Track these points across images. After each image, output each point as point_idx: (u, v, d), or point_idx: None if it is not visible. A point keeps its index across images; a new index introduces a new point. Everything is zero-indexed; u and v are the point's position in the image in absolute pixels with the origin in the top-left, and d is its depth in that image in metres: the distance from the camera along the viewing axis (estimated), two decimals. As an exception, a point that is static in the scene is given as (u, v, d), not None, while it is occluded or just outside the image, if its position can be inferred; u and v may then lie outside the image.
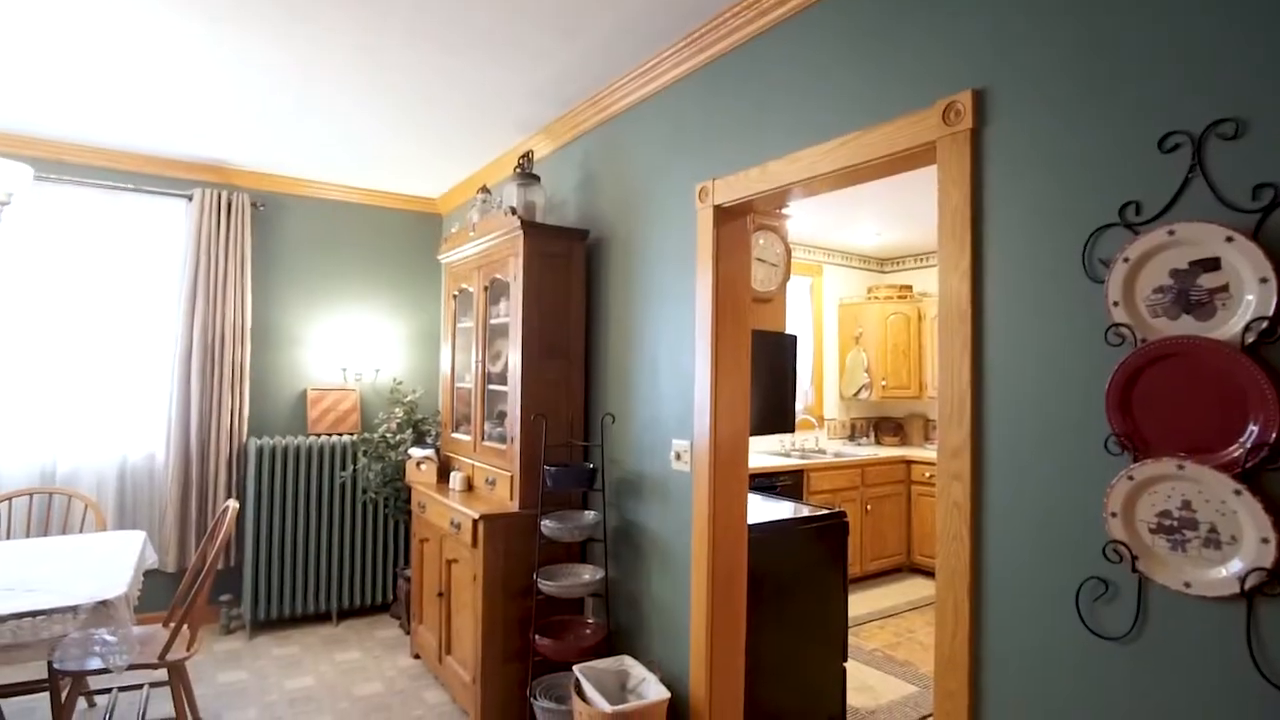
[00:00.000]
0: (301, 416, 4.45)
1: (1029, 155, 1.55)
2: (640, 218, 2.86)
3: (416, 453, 3.72)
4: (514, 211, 3.01)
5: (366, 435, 4.22)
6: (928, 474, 5.31)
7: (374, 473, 4.09)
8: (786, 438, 5.55)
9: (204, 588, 2.63)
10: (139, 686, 3.09)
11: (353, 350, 4.57)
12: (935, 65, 1.75)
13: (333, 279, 4.58)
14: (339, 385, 4.56)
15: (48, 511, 3.62)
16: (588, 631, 2.85)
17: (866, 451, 5.57)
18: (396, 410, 4.21)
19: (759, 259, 3.09)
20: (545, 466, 2.81)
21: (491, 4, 2.32)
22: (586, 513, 2.96)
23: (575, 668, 2.52)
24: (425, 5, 2.34)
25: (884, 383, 5.81)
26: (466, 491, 3.33)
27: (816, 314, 5.95)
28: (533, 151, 3.40)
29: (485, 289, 3.32)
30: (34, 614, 2.10)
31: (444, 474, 3.64)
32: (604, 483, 2.95)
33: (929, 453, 5.56)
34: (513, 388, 3.01)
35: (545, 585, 2.72)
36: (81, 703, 3.07)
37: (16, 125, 3.52)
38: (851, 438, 6.11)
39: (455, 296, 3.73)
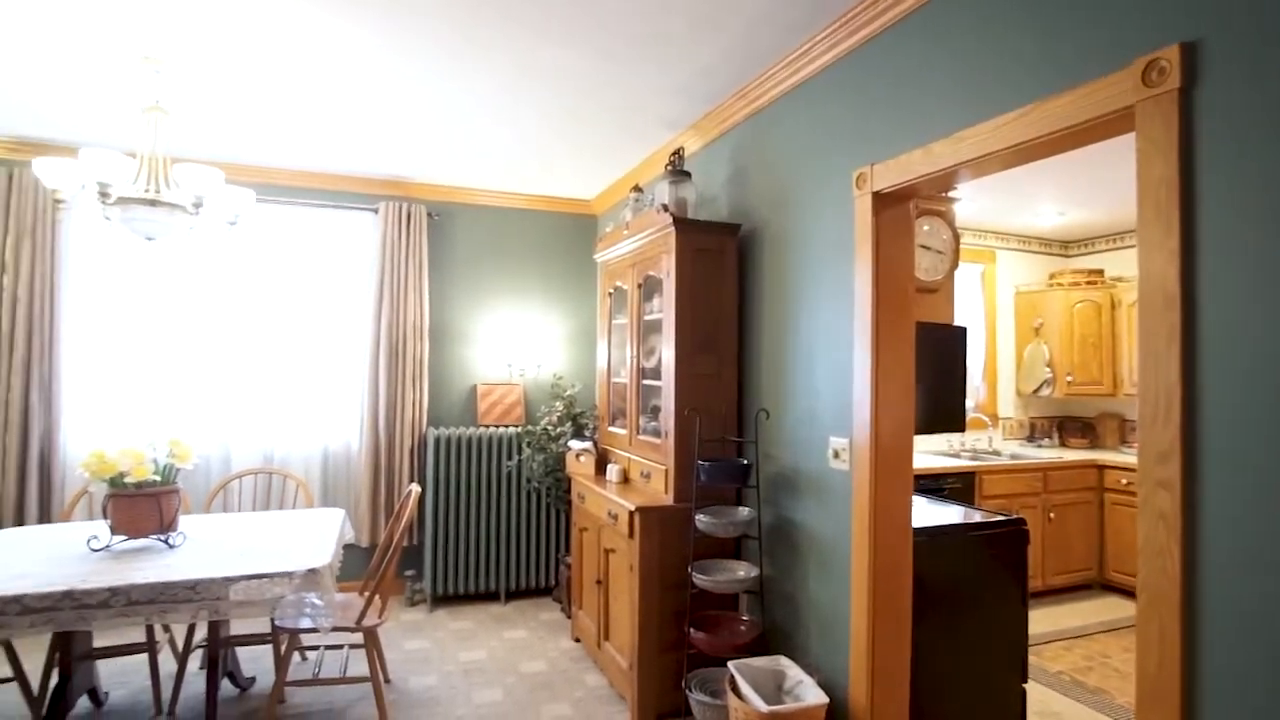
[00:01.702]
0: (472, 409, 4.79)
1: (1254, 116, 1.33)
2: (793, 209, 2.79)
3: (575, 445, 3.88)
4: (665, 209, 3.05)
5: (530, 427, 4.47)
6: (1124, 481, 4.75)
7: (537, 463, 4.32)
8: (955, 437, 5.18)
9: (392, 563, 2.91)
10: (340, 647, 3.48)
11: (517, 347, 4.85)
12: (1132, 19, 1.55)
13: (498, 280, 4.89)
14: (505, 380, 4.86)
15: (268, 489, 4.18)
16: (742, 628, 2.83)
17: (1049, 454, 5.07)
18: (557, 404, 4.42)
19: (923, 246, 2.91)
20: (699, 461, 2.83)
21: (636, 7, 2.37)
22: (741, 509, 2.94)
23: (730, 664, 2.51)
24: (576, 17, 2.43)
25: (1070, 378, 5.26)
26: (623, 484, 3.42)
27: (989, 304, 5.50)
28: (683, 148, 3.42)
29: (639, 286, 3.39)
30: (260, 576, 2.43)
31: (601, 466, 3.76)
32: (758, 479, 2.92)
33: (1126, 457, 4.96)
34: (666, 383, 3.05)
35: (700, 579, 2.74)
36: (296, 656, 3.51)
37: (241, 157, 4.09)
38: (1030, 438, 5.59)
39: (610, 294, 3.84)
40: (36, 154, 3.84)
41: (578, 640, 3.81)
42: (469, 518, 4.41)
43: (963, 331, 3.07)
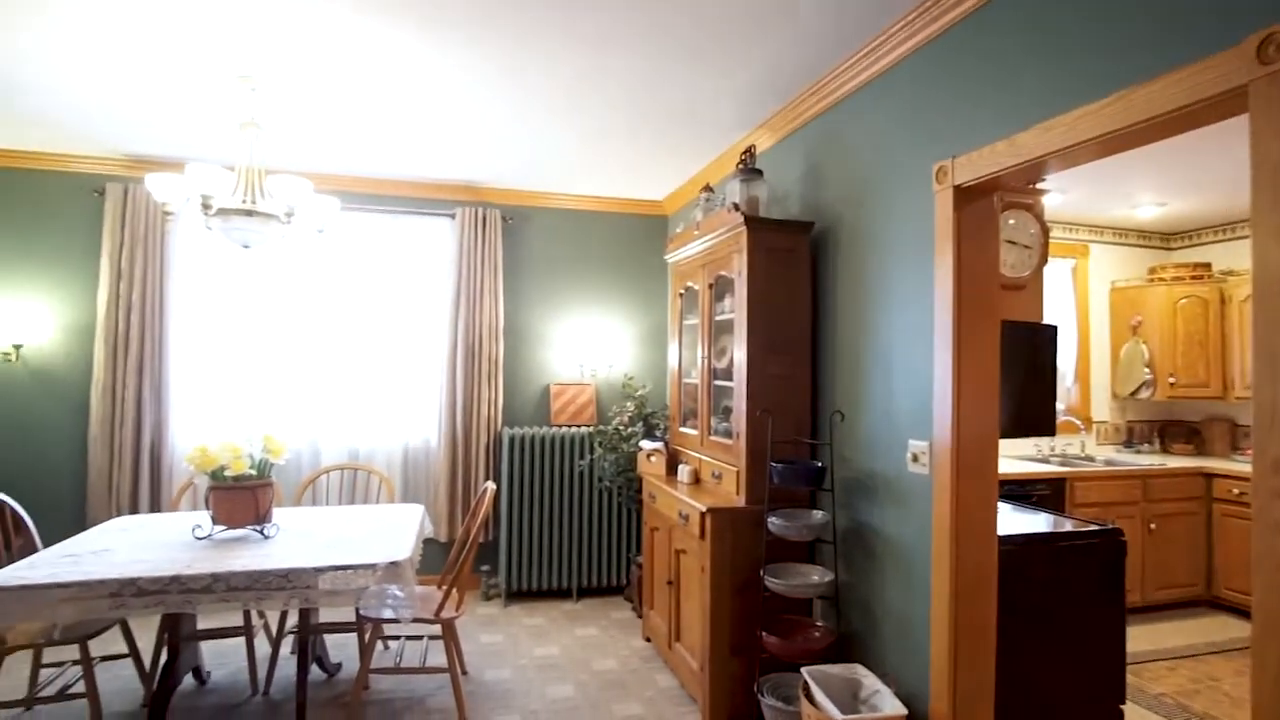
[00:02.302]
0: (545, 409, 4.88)
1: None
2: (869, 205, 2.72)
3: (646, 445, 3.89)
4: (737, 208, 3.02)
5: (601, 427, 4.51)
6: (1236, 490, 4.40)
7: (609, 463, 4.36)
8: (1044, 441, 4.93)
9: (468, 558, 2.99)
10: (420, 638, 3.60)
11: (588, 347, 4.91)
12: (1248, -7, 1.44)
13: (570, 281, 4.96)
14: (577, 380, 4.93)
15: (353, 484, 4.37)
16: (816, 634, 2.77)
17: (1149, 460, 4.76)
18: (628, 404, 4.45)
19: (1009, 241, 2.78)
20: (772, 463, 2.79)
21: (703, 8, 2.35)
22: (815, 512, 2.88)
23: (804, 670, 2.47)
24: (643, 21, 2.44)
25: (1173, 380, 4.92)
26: (694, 484, 3.41)
27: (1081, 300, 5.20)
28: (754, 146, 3.38)
29: (710, 286, 3.37)
30: (346, 567, 2.54)
31: (672, 466, 3.76)
32: (833, 482, 2.85)
33: (1238, 465, 4.60)
34: (738, 383, 3.02)
35: (773, 583, 2.70)
36: (379, 645, 3.66)
37: (327, 167, 4.30)
38: (1128, 443, 5.26)
39: (681, 294, 3.84)
40: (148, 170, 4.13)
41: (649, 640, 3.82)
42: (542, 516, 4.49)
43: (1052, 330, 2.92)
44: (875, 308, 2.67)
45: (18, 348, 4.10)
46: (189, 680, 3.23)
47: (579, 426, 4.74)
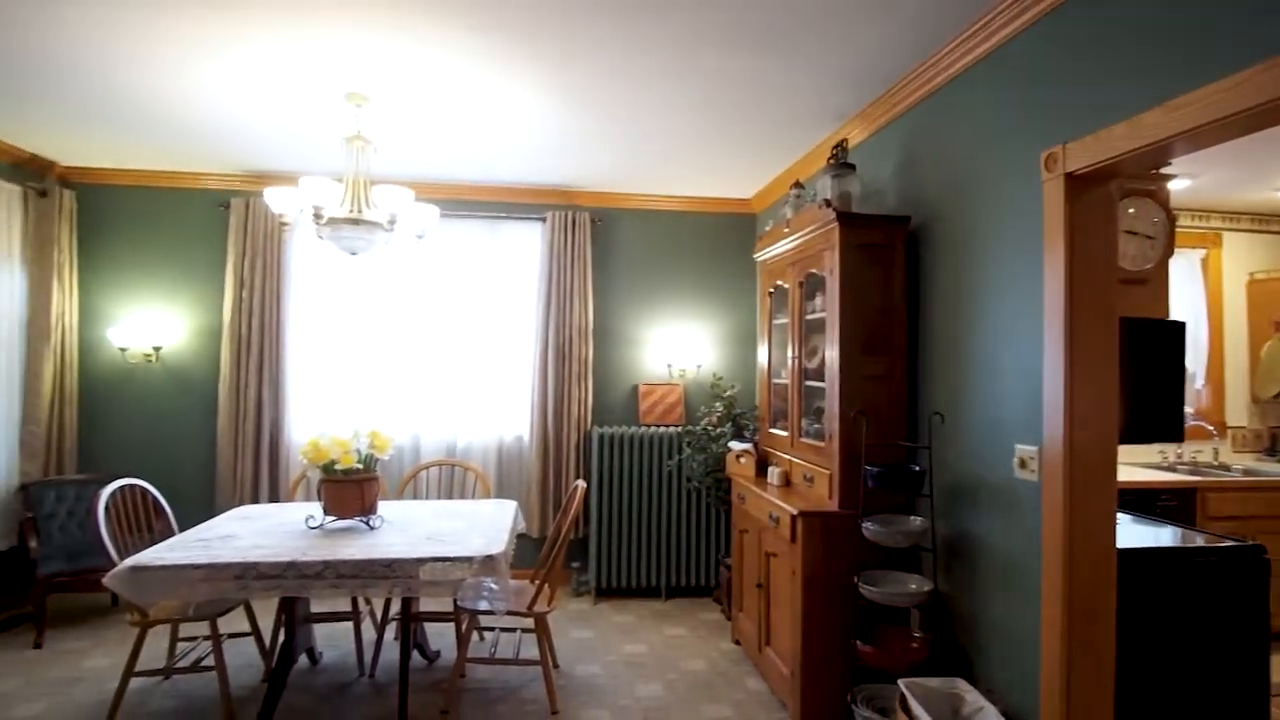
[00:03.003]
0: (634, 408, 4.92)
1: None
2: (971, 197, 2.58)
3: (735, 446, 3.86)
4: (828, 203, 2.95)
5: (690, 427, 4.50)
6: (1403, 505, 3.91)
7: (697, 463, 4.34)
8: (1171, 448, 4.54)
9: (560, 555, 3.06)
10: (514, 630, 3.71)
11: (676, 347, 4.91)
12: None
13: (658, 281, 4.98)
14: (665, 380, 4.94)
15: (451, 479, 4.55)
16: (913, 645, 2.67)
17: (1295, 469, 4.30)
18: (716, 405, 4.42)
19: (1128, 232, 2.58)
20: (866, 466, 2.70)
21: (794, 1, 2.31)
22: (912, 518, 2.77)
23: (901, 682, 2.38)
24: (734, 15, 2.41)
25: (1324, 381, 4.42)
26: (784, 487, 3.35)
27: (1213, 295, 4.76)
28: (847, 140, 3.28)
29: (800, 284, 3.30)
30: (444, 559, 2.65)
31: (762, 468, 3.71)
32: (931, 487, 2.73)
33: (1405, 476, 4.09)
34: (830, 384, 2.94)
35: (868, 590, 2.62)
36: (475, 636, 3.79)
37: (427, 175, 4.49)
38: (1270, 451, 4.77)
39: (770, 293, 3.77)
40: (266, 184, 4.44)
41: (738, 643, 3.78)
42: (631, 514, 4.53)
43: (1179, 327, 2.69)
44: (978, 305, 2.54)
45: (157, 349, 4.50)
46: (303, 660, 3.45)
47: (667, 426, 4.75)
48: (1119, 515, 2.21)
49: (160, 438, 4.52)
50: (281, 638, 3.04)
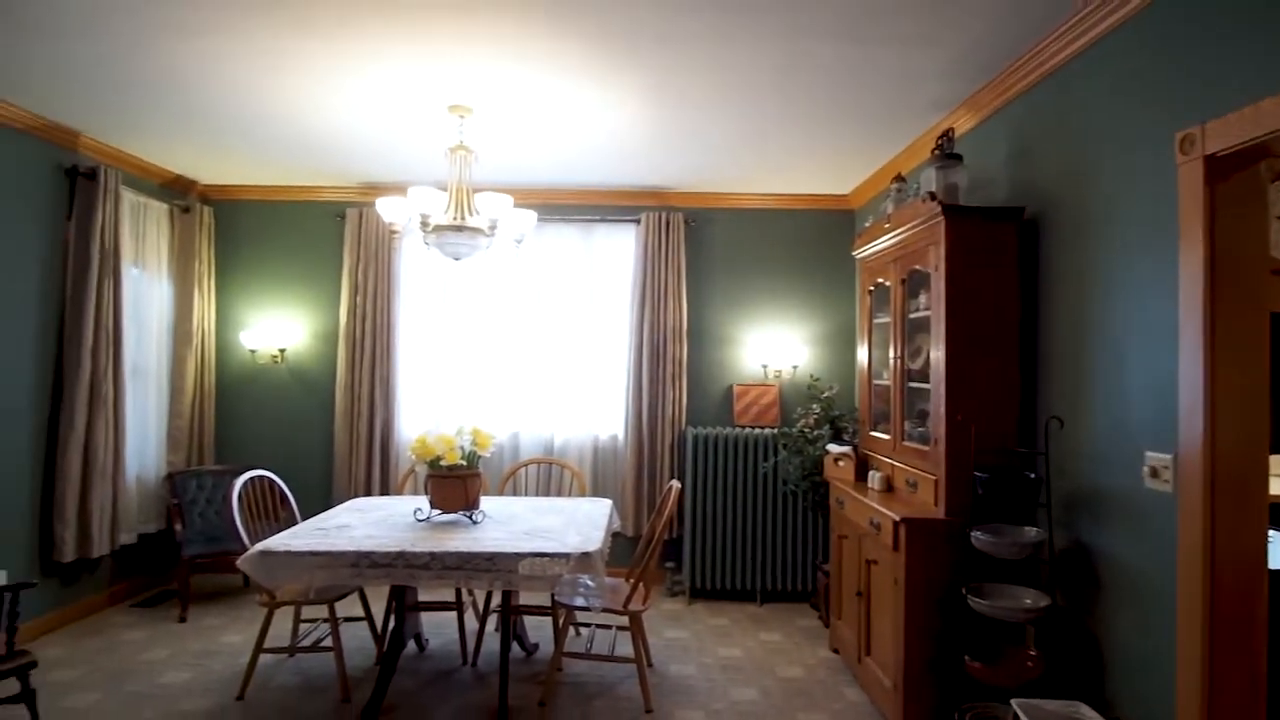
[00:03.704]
0: (728, 409, 4.88)
1: None
2: (1093, 184, 2.40)
3: (834, 449, 3.75)
4: (932, 197, 2.82)
5: (786, 429, 4.42)
6: None
7: (793, 466, 4.26)
8: (1330, 458, 4.06)
9: (654, 554, 3.07)
10: (609, 627, 3.75)
11: (772, 347, 4.84)
12: None
13: (753, 281, 4.92)
14: (760, 381, 4.88)
15: (548, 476, 4.66)
16: (1028, 663, 2.50)
17: None
18: (814, 406, 4.31)
19: (1281, 218, 2.33)
20: (976, 473, 2.56)
21: (908, -19, 2.22)
22: (1027, 528, 2.60)
23: (1014, 702, 2.24)
24: (834, 6, 2.34)
25: None
26: (885, 492, 3.23)
27: (1386, 286, 4.21)
28: (952, 129, 3.13)
29: (902, 282, 3.18)
30: (542, 555, 2.72)
31: (862, 472, 3.59)
32: (1048, 496, 2.56)
33: None
34: (935, 386, 2.81)
35: (977, 603, 2.48)
36: (571, 631, 3.86)
37: (525, 180, 4.63)
38: None
39: (870, 292, 3.65)
40: (378, 195, 4.70)
41: (836, 651, 3.67)
42: (726, 516, 4.50)
43: (1345, 323, 2.39)
44: (1101, 300, 2.36)
45: (282, 351, 4.86)
46: (411, 645, 3.62)
47: (762, 428, 4.68)
48: (1270, 533, 1.99)
49: (284, 432, 4.88)
50: (392, 624, 3.20)
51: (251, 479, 3.48)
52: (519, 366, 4.84)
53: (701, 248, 4.90)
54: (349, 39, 2.68)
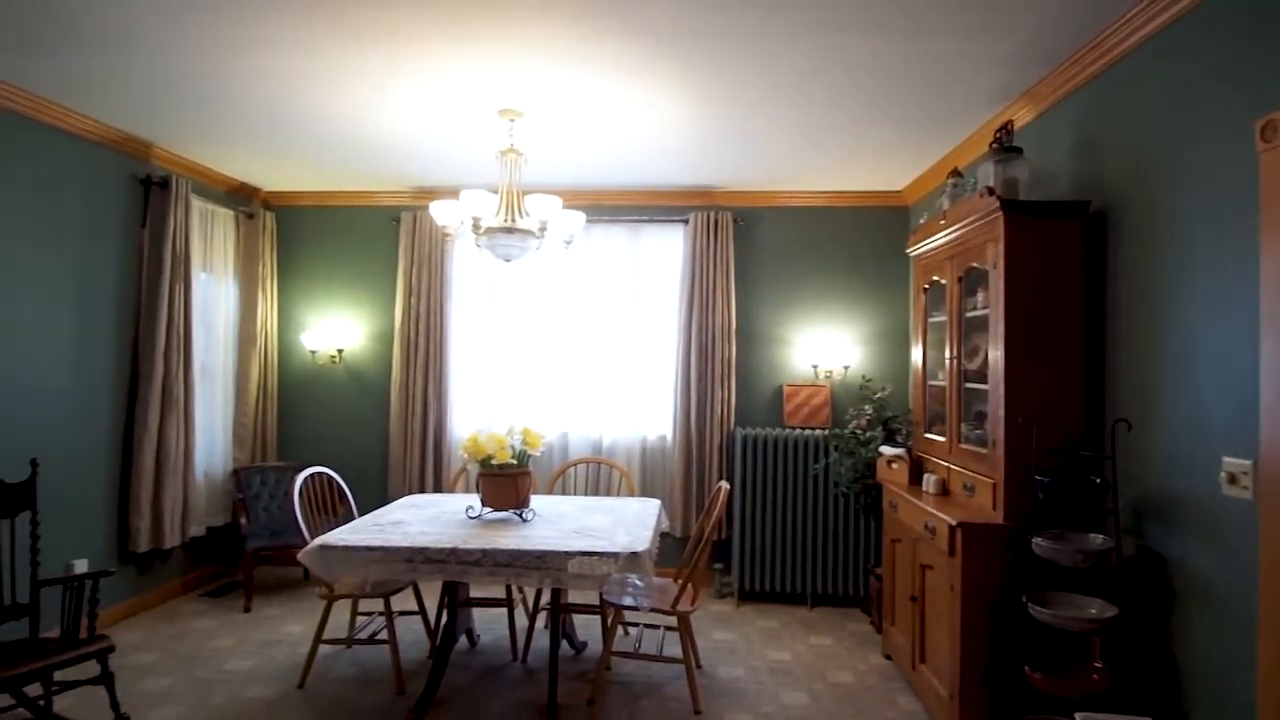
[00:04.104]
0: (778, 410, 4.82)
1: None
2: (1163, 176, 2.29)
3: (887, 450, 3.67)
4: (990, 191, 2.73)
5: (837, 430, 4.34)
6: None
7: (845, 468, 4.18)
8: None
9: (703, 555, 3.06)
10: (657, 627, 3.75)
11: (822, 347, 4.76)
12: None
13: (803, 280, 4.85)
14: (810, 381, 4.81)
15: (597, 476, 4.68)
16: (1093, 676, 2.40)
17: None
18: (866, 407, 4.23)
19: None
20: (1037, 477, 2.47)
21: (964, -30, 2.16)
22: (1091, 535, 2.50)
23: (1078, 716, 2.15)
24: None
25: None
26: (941, 495, 3.15)
27: None
28: (1011, 122, 3.03)
29: (959, 280, 3.09)
30: (591, 554, 2.73)
31: (916, 474, 3.51)
32: (1115, 502, 2.45)
33: None
34: (993, 387, 2.73)
35: (1039, 611, 2.39)
36: (619, 630, 3.87)
37: (573, 182, 4.67)
38: None
39: (925, 290, 3.56)
40: (431, 199, 4.79)
41: (889, 658, 3.60)
42: (775, 518, 4.45)
43: None
44: (1173, 298, 2.25)
45: (340, 352, 5.01)
46: (463, 640, 3.69)
47: (813, 429, 4.61)
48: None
49: (342, 430, 5.03)
50: (444, 619, 3.27)
51: (311, 475, 3.60)
52: (568, 367, 4.88)
53: (751, 247, 4.86)
54: (404, 48, 2.75)
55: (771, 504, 4.45)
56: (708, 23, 2.52)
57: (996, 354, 2.70)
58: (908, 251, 3.78)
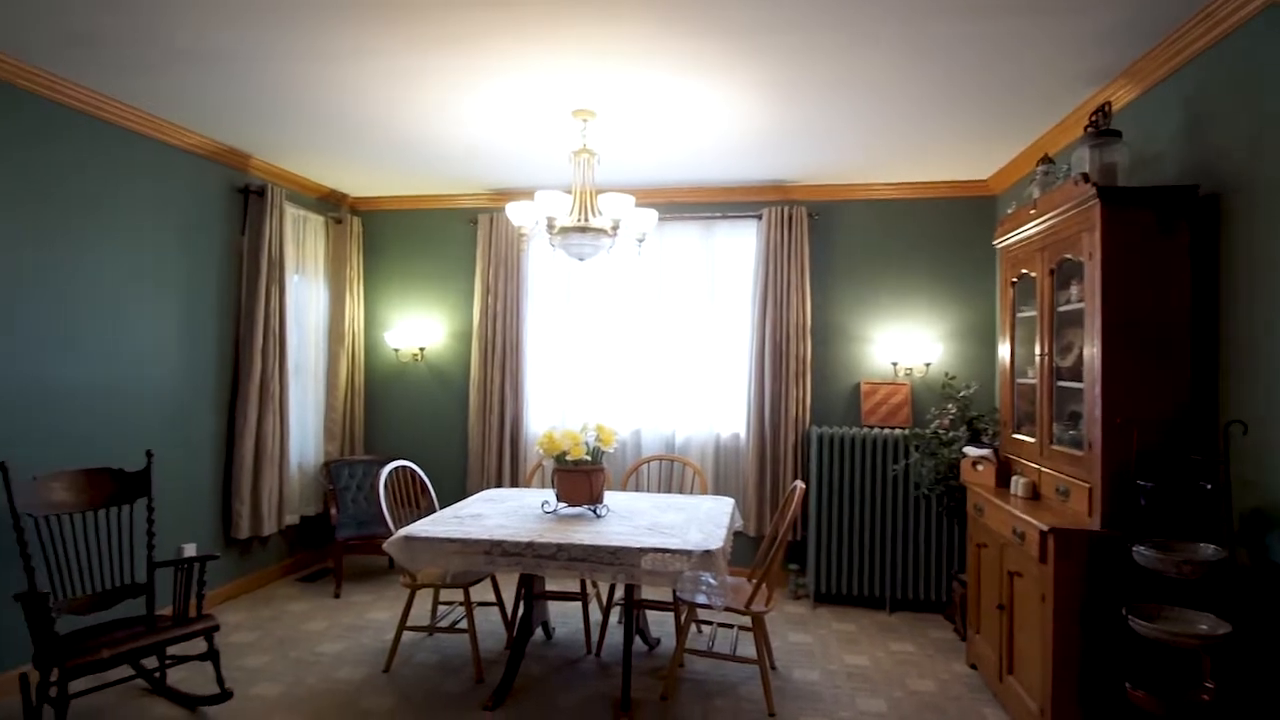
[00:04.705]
0: (855, 408, 4.70)
1: None
2: (1288, 156, 2.11)
3: (972, 451, 3.52)
4: (1086, 178, 2.57)
5: (918, 430, 4.20)
6: None
7: (926, 469, 4.04)
8: None
9: (778, 555, 3.02)
10: (731, 627, 3.72)
11: (902, 344, 4.61)
12: None
13: (881, 275, 4.71)
14: (890, 379, 4.66)
15: (670, 473, 4.69)
16: (1203, 695, 2.24)
17: None
18: (949, 406, 4.07)
19: None
20: (1138, 482, 2.32)
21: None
22: (1202, 545, 2.32)
23: (1185, 737, 2.01)
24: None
25: None
26: (1031, 499, 3.00)
27: None
28: (1109, 103, 2.84)
29: (1051, 272, 2.93)
30: (665, 551, 2.74)
31: (1003, 477, 3.35)
32: (1228, 510, 2.27)
33: None
34: (1089, 385, 2.57)
35: (1141, 625, 2.24)
36: (693, 628, 3.87)
37: (646, 180, 4.68)
38: None
39: (1013, 283, 3.39)
40: (507, 200, 4.89)
41: (973, 667, 3.45)
42: (852, 519, 4.34)
43: None
44: (1298, 289, 2.06)
45: (422, 350, 5.20)
46: (538, 633, 3.76)
47: (892, 428, 4.47)
48: None
49: (424, 426, 5.22)
50: (521, 610, 3.34)
51: (396, 469, 3.75)
52: (641, 364, 4.90)
53: (826, 241, 4.76)
54: (478, 53, 2.82)
55: (848, 505, 4.35)
56: (787, 13, 2.47)
57: (1092, 350, 2.54)
58: (994, 243, 3.61)
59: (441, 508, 3.54)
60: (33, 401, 3.14)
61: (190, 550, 3.91)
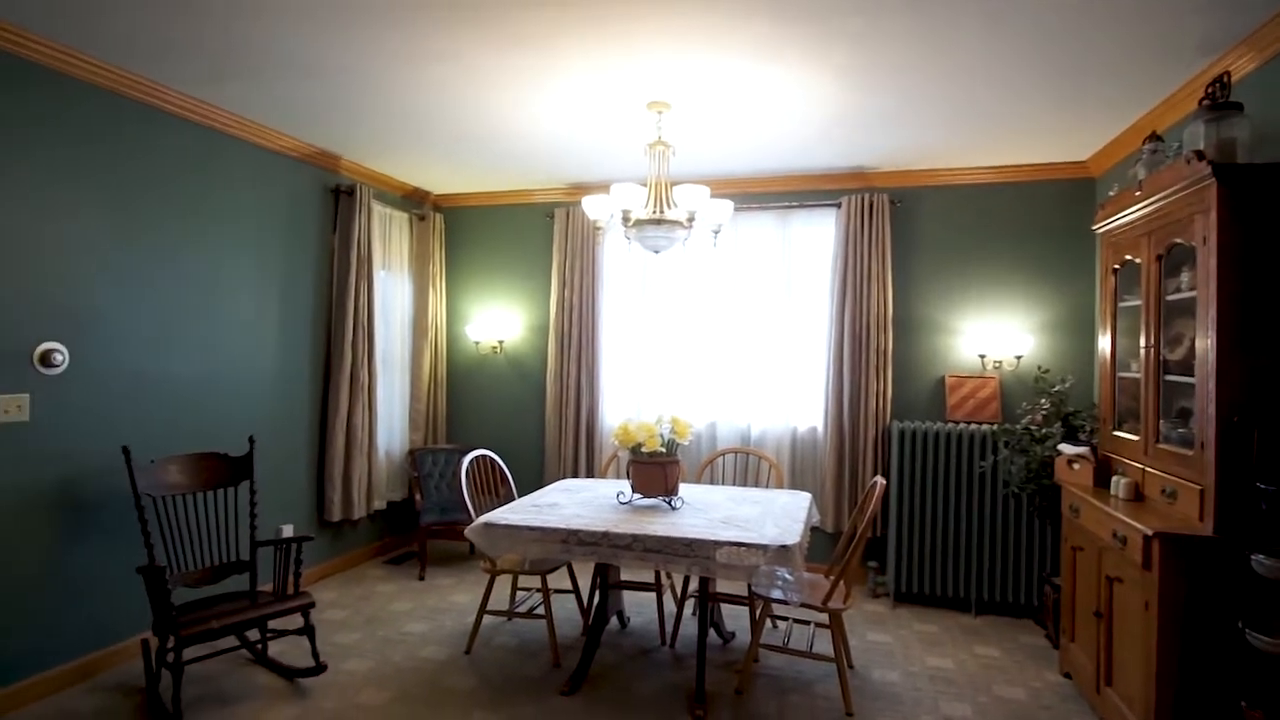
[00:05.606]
0: (939, 402, 4.53)
1: None
2: None
3: (1067, 449, 3.34)
4: (1200, 156, 2.38)
5: (1008, 426, 4.01)
6: None
7: (1016, 466, 3.85)
8: None
9: (856, 552, 2.94)
10: (807, 623, 3.67)
11: (990, 335, 4.41)
12: None
13: (968, 263, 4.51)
14: (977, 372, 4.47)
15: (745, 466, 4.64)
16: (1332, 719, 2.05)
17: None
18: (1042, 401, 3.86)
19: None
20: (1258, 485, 2.14)
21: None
22: (1330, 555, 2.13)
23: (1311, 762, 1.85)
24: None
25: None
26: (1133, 501, 2.81)
27: None
28: (1228, 74, 2.62)
29: (1158, 259, 2.73)
30: (740, 544, 2.72)
31: (1102, 476, 3.16)
32: (1364, 517, 2.07)
33: None
34: (1201, 380, 2.39)
35: (1260, 641, 2.08)
36: (768, 623, 3.83)
37: (721, 170, 4.63)
38: None
39: (1115, 271, 3.18)
40: (583, 194, 4.96)
41: (1067, 676, 3.28)
42: (935, 517, 4.19)
43: None
44: None
45: (501, 343, 5.33)
46: (613, 622, 3.81)
47: (979, 423, 4.29)
48: None
49: (503, 416, 5.36)
50: (596, 599, 3.39)
51: (476, 458, 3.86)
52: (717, 356, 4.87)
53: (909, 230, 4.59)
54: (552, 50, 2.85)
55: (931, 502, 4.20)
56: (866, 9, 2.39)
57: (1205, 343, 2.36)
58: (1094, 229, 3.39)
59: (520, 496, 3.62)
60: (147, 392, 3.39)
61: (288, 531, 4.15)
